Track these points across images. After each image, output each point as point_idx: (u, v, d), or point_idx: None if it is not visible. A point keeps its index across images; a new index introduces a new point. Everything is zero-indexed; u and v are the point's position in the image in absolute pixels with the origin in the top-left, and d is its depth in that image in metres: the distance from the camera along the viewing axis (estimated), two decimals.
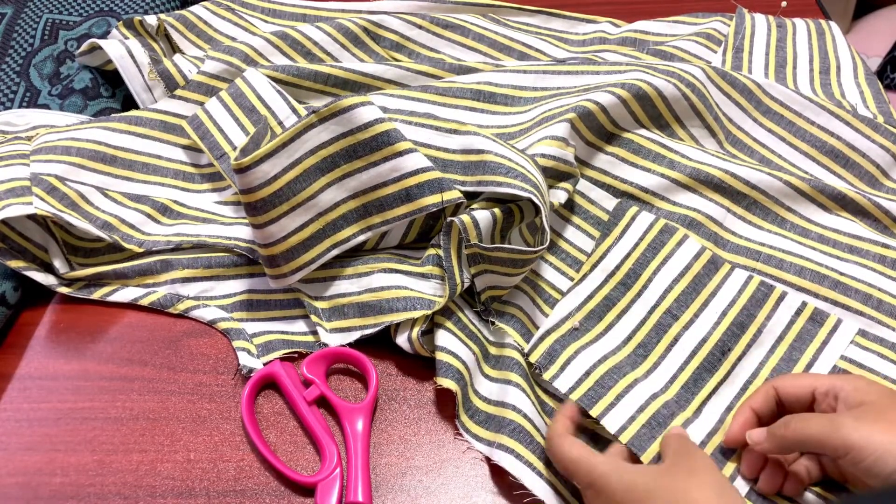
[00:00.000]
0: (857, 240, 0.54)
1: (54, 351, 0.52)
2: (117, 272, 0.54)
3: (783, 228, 0.55)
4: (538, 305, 0.52)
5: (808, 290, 0.51)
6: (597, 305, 0.51)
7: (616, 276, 0.52)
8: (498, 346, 0.50)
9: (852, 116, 0.59)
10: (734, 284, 0.51)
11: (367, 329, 0.50)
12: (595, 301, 0.51)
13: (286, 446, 0.48)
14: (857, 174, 0.58)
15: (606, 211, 0.55)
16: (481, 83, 0.60)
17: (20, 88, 0.64)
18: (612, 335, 0.50)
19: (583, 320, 0.51)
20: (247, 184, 0.47)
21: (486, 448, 0.46)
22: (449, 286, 0.48)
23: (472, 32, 0.69)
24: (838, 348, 0.48)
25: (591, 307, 0.51)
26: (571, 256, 0.54)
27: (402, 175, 0.50)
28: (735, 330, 0.49)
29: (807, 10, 0.74)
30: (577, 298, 0.52)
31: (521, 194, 0.48)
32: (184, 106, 0.61)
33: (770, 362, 0.48)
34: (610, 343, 0.49)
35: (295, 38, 0.64)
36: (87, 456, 0.47)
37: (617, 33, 0.70)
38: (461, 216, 0.47)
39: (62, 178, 0.55)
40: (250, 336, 0.52)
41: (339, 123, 0.50)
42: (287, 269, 0.50)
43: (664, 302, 0.50)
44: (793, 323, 0.49)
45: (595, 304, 0.51)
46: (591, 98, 0.55)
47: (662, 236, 0.53)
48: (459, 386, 0.46)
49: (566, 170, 0.53)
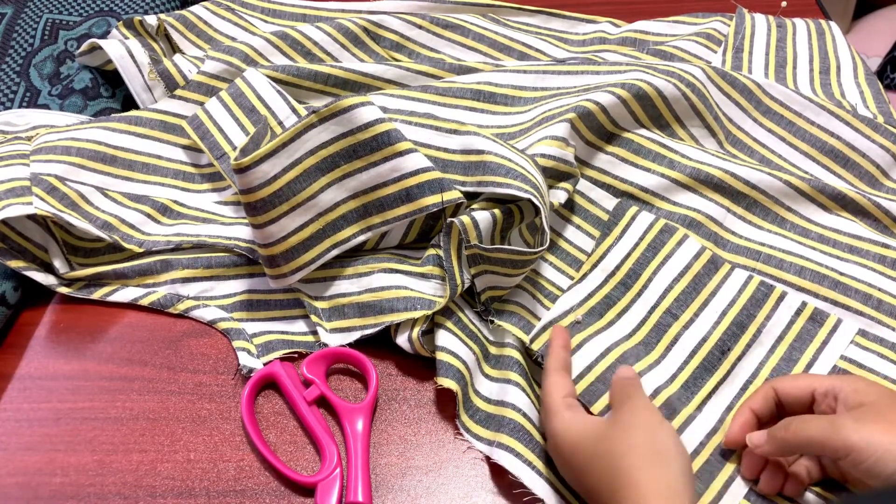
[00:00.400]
0: (857, 240, 0.54)
1: (54, 351, 0.52)
2: (117, 272, 0.54)
3: (783, 228, 0.55)
4: (539, 300, 0.53)
5: (808, 290, 0.51)
6: (597, 304, 0.51)
7: (616, 276, 0.52)
8: (498, 345, 0.50)
9: (852, 116, 0.59)
10: (734, 284, 0.51)
11: (367, 329, 0.50)
12: (596, 299, 0.52)
13: (286, 446, 0.48)
14: (857, 174, 0.58)
15: (606, 211, 0.55)
16: (481, 83, 0.60)
17: (20, 88, 0.64)
18: (614, 331, 0.50)
19: (584, 315, 0.51)
20: (247, 184, 0.47)
21: (486, 447, 0.46)
22: (449, 286, 0.48)
23: (472, 32, 0.69)
24: (838, 348, 0.48)
25: (592, 305, 0.51)
26: (571, 256, 0.54)
27: (402, 175, 0.50)
28: (735, 330, 0.49)
29: (807, 10, 0.74)
30: (578, 296, 0.52)
31: (521, 195, 0.48)
32: (184, 106, 0.61)
33: (770, 362, 0.48)
34: (612, 337, 0.49)
35: (295, 38, 0.64)
36: (87, 456, 0.47)
37: (617, 33, 0.70)
38: (461, 217, 0.48)
39: (62, 178, 0.55)
40: (250, 336, 0.52)
41: (340, 123, 0.50)
42: (287, 270, 0.50)
43: (664, 302, 0.50)
44: (793, 323, 0.49)
45: (595, 303, 0.51)
46: (591, 98, 0.55)
47: (662, 236, 0.53)
48: (460, 386, 0.46)
49: (566, 170, 0.53)
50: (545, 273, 0.54)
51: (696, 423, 0.46)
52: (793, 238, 0.54)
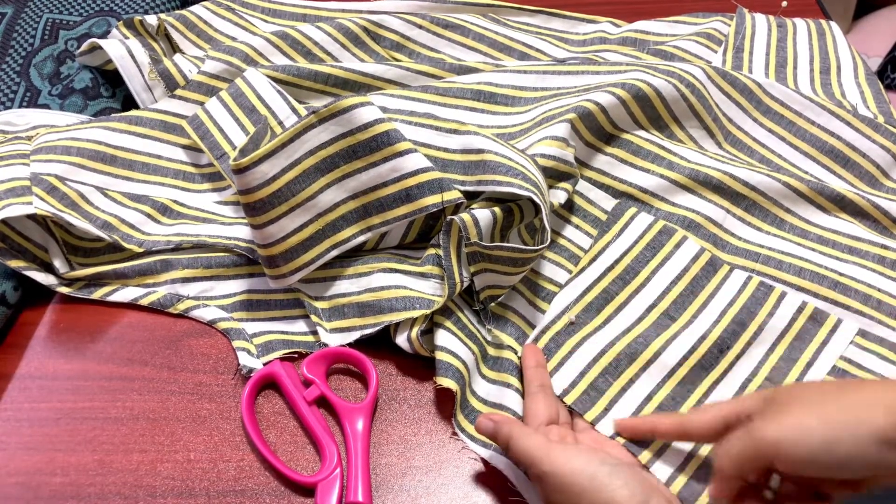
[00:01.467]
0: (856, 241, 0.54)
1: (54, 351, 0.52)
2: (117, 272, 0.54)
3: (782, 230, 0.55)
4: (536, 306, 0.52)
5: (807, 290, 0.51)
6: (595, 298, 0.51)
7: (614, 271, 0.52)
8: (496, 347, 0.50)
9: (853, 116, 0.59)
10: (733, 285, 0.51)
11: (366, 329, 0.50)
12: (594, 293, 0.51)
13: (286, 446, 0.48)
14: (858, 174, 0.58)
15: (605, 211, 0.55)
16: (481, 83, 0.60)
17: (20, 88, 0.64)
18: (611, 328, 0.50)
19: (581, 313, 0.50)
20: (245, 184, 0.47)
21: (481, 449, 0.46)
22: (448, 285, 0.48)
23: (473, 32, 0.69)
24: (838, 348, 0.48)
25: (590, 300, 0.51)
26: (570, 252, 0.54)
27: (402, 175, 0.50)
28: (735, 327, 0.49)
29: (807, 10, 0.74)
30: (575, 291, 0.52)
31: (521, 193, 0.48)
32: (184, 106, 0.61)
33: (770, 361, 0.48)
34: (608, 335, 0.49)
35: (295, 38, 0.64)
36: (87, 456, 0.47)
37: (617, 33, 0.70)
38: (461, 214, 0.48)
39: (62, 178, 0.55)
40: (250, 336, 0.52)
41: (339, 124, 0.49)
42: (286, 270, 0.50)
43: (662, 303, 0.50)
44: (794, 321, 0.49)
45: (593, 297, 0.51)
46: (590, 98, 0.55)
47: (661, 237, 0.53)
48: (459, 385, 0.46)
49: (566, 170, 0.53)
50: (544, 271, 0.54)
51: None
52: (792, 239, 0.54)
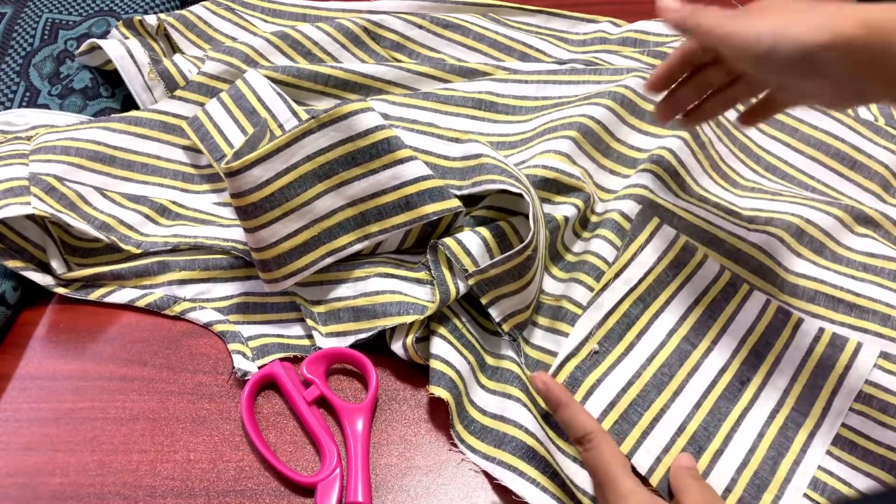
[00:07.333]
0: (871, 257, 0.53)
1: (54, 351, 0.52)
2: (115, 273, 0.54)
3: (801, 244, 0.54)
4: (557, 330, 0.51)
5: (822, 317, 0.50)
6: (616, 323, 0.50)
7: (636, 292, 0.51)
8: (495, 356, 0.49)
9: (853, 120, 0.59)
10: (752, 309, 0.50)
11: (361, 334, 0.50)
12: (615, 318, 0.50)
13: (286, 446, 0.48)
14: (867, 175, 0.58)
15: (629, 218, 0.53)
16: (483, 92, 0.60)
17: (20, 88, 0.64)
18: (634, 356, 0.48)
19: (602, 340, 0.49)
20: (237, 188, 0.47)
21: (483, 462, 0.45)
22: (440, 292, 0.47)
23: (473, 32, 0.69)
24: (862, 373, 0.47)
25: (611, 325, 0.50)
26: (590, 264, 0.52)
27: (402, 183, 0.50)
28: (753, 360, 0.48)
29: None
30: (599, 312, 0.50)
31: (512, 189, 0.48)
32: (184, 106, 0.61)
33: (794, 391, 0.47)
34: (633, 365, 0.48)
35: (295, 38, 0.64)
36: (87, 456, 0.47)
37: (617, 33, 0.70)
38: (446, 240, 0.47)
39: (61, 178, 0.55)
40: (246, 339, 0.52)
41: (339, 130, 0.49)
42: (279, 275, 0.50)
43: (682, 328, 0.50)
44: (812, 350, 0.49)
45: (615, 322, 0.50)
46: (590, 115, 0.55)
47: (683, 255, 0.52)
48: (452, 395, 0.46)
49: (571, 183, 0.53)
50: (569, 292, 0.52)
51: (725, 458, 0.45)
52: (806, 257, 0.53)
